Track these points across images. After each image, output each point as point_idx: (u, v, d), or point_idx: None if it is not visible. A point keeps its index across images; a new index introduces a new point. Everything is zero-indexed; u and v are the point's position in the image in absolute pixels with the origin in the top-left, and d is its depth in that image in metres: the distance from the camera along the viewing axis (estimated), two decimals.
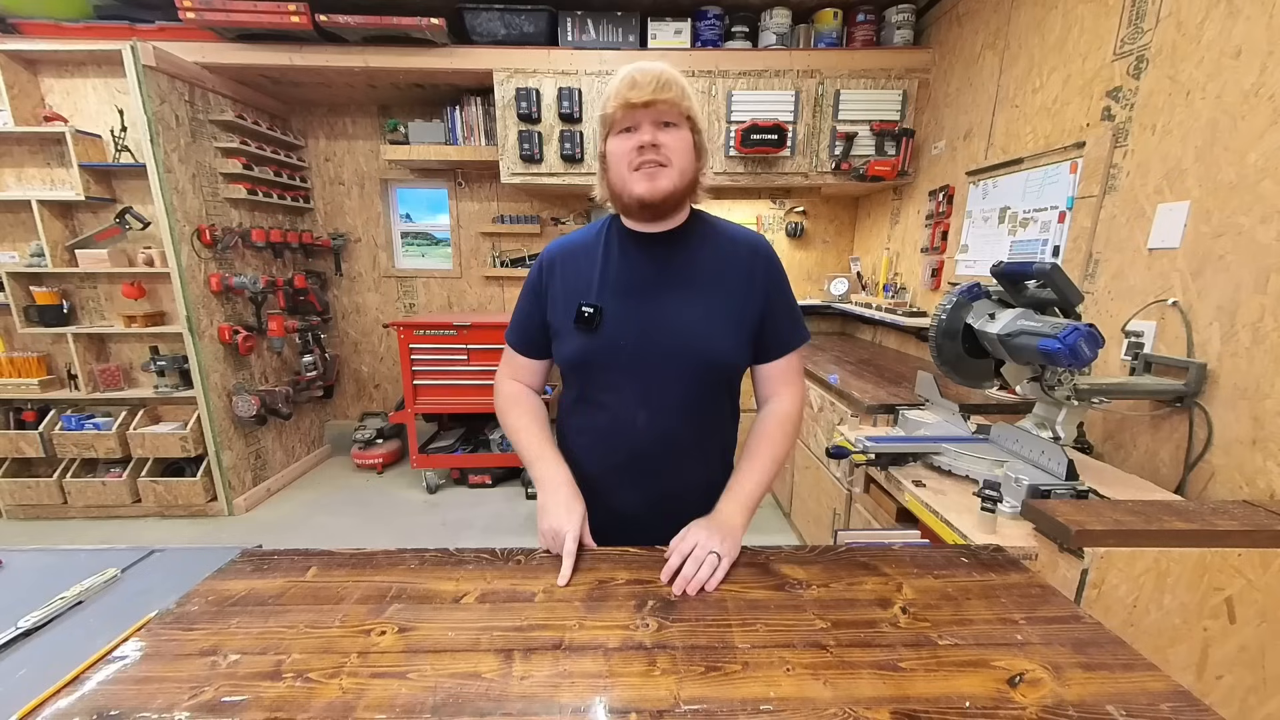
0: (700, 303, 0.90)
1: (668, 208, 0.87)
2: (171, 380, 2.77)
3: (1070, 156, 1.80)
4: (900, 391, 1.99)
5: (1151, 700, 0.55)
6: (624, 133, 0.83)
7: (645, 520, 0.94)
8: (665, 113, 0.81)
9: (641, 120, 0.81)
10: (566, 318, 0.91)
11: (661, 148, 0.82)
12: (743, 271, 0.92)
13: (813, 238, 3.60)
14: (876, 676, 0.59)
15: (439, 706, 0.55)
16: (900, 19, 2.73)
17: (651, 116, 0.81)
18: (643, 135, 0.81)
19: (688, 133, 0.84)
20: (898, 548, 0.86)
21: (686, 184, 0.86)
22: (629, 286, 0.90)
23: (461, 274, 3.65)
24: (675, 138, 0.83)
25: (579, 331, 0.90)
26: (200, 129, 2.71)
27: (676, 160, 0.83)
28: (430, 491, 3.21)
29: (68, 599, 0.75)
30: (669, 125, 0.82)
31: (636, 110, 0.81)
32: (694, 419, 0.93)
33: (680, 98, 0.82)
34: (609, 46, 2.79)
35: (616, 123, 0.83)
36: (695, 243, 0.92)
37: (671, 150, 0.82)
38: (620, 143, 0.84)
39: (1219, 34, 1.33)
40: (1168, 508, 1.02)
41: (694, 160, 0.86)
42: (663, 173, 0.83)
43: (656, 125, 0.82)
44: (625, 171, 0.84)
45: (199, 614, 0.69)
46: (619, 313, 0.89)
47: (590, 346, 0.90)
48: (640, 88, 0.79)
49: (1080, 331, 1.07)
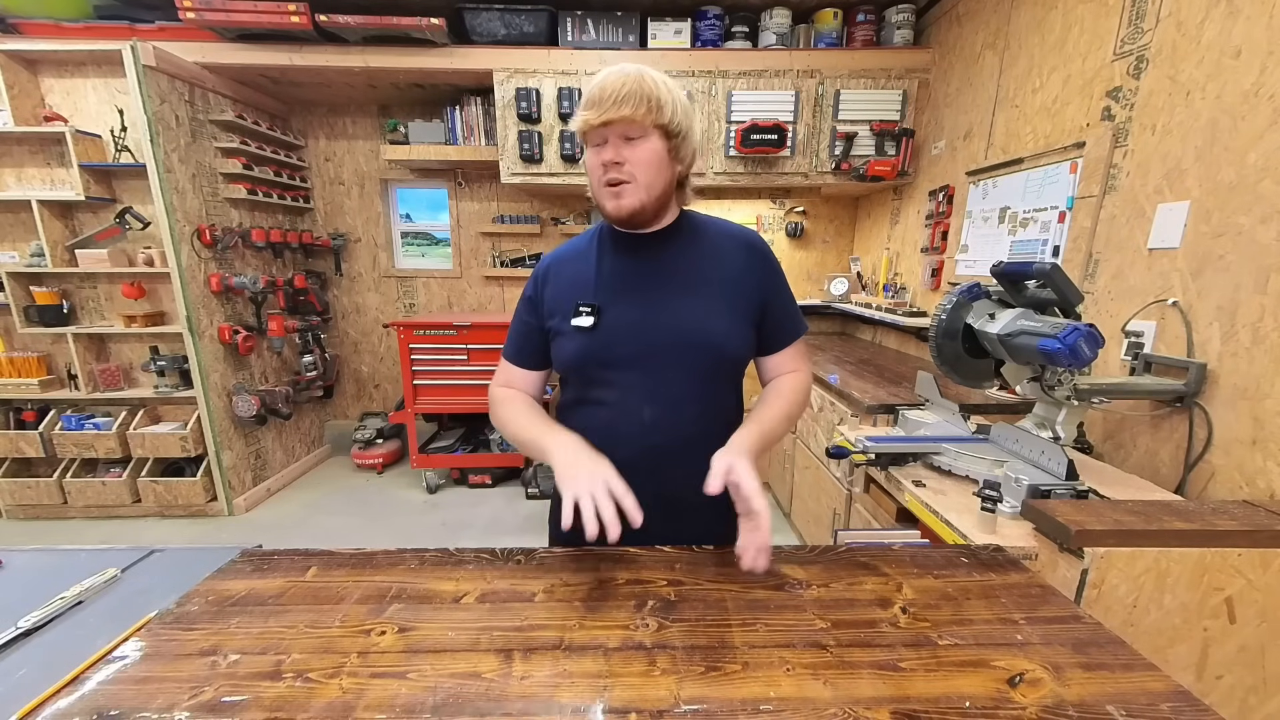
0: (698, 296, 0.90)
1: (639, 221, 0.88)
2: (171, 380, 2.77)
3: (1070, 156, 1.80)
4: (900, 391, 1.99)
5: (1151, 700, 0.55)
6: (595, 147, 0.83)
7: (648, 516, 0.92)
8: (627, 128, 0.80)
9: (606, 135, 0.81)
10: (564, 320, 0.91)
11: (625, 164, 0.81)
12: (739, 265, 0.92)
13: (813, 238, 3.60)
14: (876, 676, 0.59)
15: (439, 706, 0.55)
16: (900, 19, 2.73)
17: (617, 131, 0.80)
18: (606, 153, 0.81)
19: (658, 142, 0.82)
20: (898, 548, 0.86)
21: (656, 197, 0.85)
22: (625, 285, 0.91)
23: (461, 274, 3.65)
24: (641, 150, 0.81)
25: (578, 332, 0.89)
26: (200, 129, 2.71)
27: (641, 175, 0.82)
28: (430, 491, 3.21)
29: (68, 599, 0.75)
30: (634, 140, 0.81)
31: (597, 127, 0.80)
32: (700, 411, 0.93)
33: (642, 112, 0.78)
34: (609, 46, 2.79)
35: (587, 138, 0.83)
36: (686, 240, 0.93)
37: (636, 165, 0.81)
38: (592, 156, 0.84)
39: (1219, 34, 1.33)
40: (1168, 508, 1.02)
41: (666, 169, 0.85)
42: (627, 190, 0.82)
43: (620, 140, 0.81)
44: (598, 186, 0.85)
45: (199, 614, 0.69)
46: (617, 311, 0.89)
47: (590, 345, 0.89)
48: (598, 106, 0.78)
49: (1080, 331, 1.07)
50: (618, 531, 0.70)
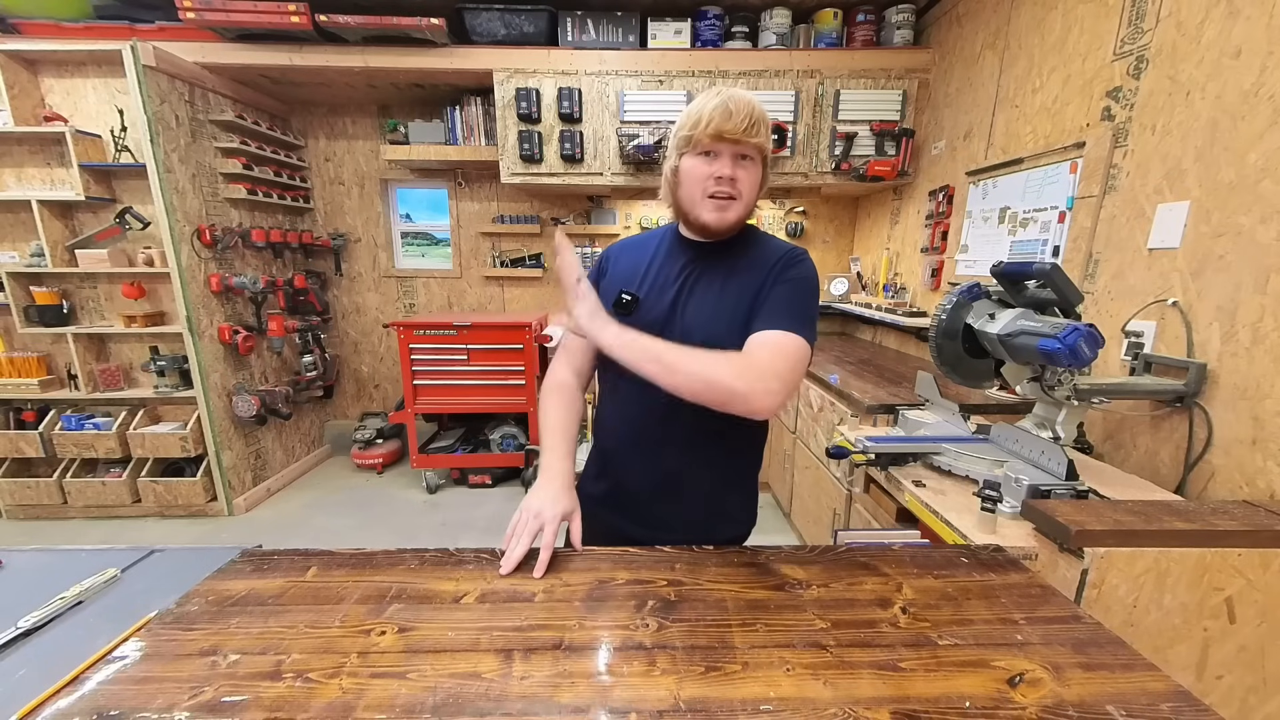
0: (722, 302, 0.93)
1: (725, 233, 0.93)
2: (171, 380, 2.77)
3: (1070, 156, 1.80)
4: (900, 391, 1.99)
5: (1151, 700, 0.55)
6: (703, 156, 0.87)
7: (646, 499, 1.00)
8: (748, 149, 0.86)
9: (724, 151, 0.85)
10: (608, 301, 0.96)
11: (737, 182, 0.87)
12: (764, 274, 0.94)
13: (813, 238, 3.60)
14: (876, 676, 0.59)
15: (439, 706, 0.55)
16: (900, 19, 2.73)
17: (735, 150, 0.85)
18: (723, 168, 0.85)
19: (760, 168, 0.89)
20: (898, 548, 0.86)
21: (748, 214, 0.92)
22: (668, 282, 0.96)
23: (461, 274, 3.65)
24: (750, 173, 0.88)
25: (616, 314, 0.94)
26: (200, 129, 2.71)
27: (747, 194, 0.88)
28: (430, 491, 3.21)
29: (68, 599, 0.75)
30: (747, 159, 0.87)
31: (724, 141, 0.84)
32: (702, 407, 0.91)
33: (765, 139, 0.86)
34: (609, 46, 2.79)
35: (700, 145, 0.86)
36: (737, 252, 0.97)
37: (744, 185, 0.87)
38: (697, 165, 0.87)
39: (1219, 34, 1.33)
40: (1168, 508, 1.02)
41: (758, 192, 0.91)
42: (732, 205, 0.88)
43: (735, 159, 0.86)
44: (698, 195, 0.88)
45: (199, 614, 0.69)
46: (652, 302, 0.95)
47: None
48: (735, 121, 0.82)
49: (1080, 331, 1.07)
50: (505, 570, 0.78)
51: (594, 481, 1.07)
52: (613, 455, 1.04)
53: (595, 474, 1.08)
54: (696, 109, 0.85)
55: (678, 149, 0.90)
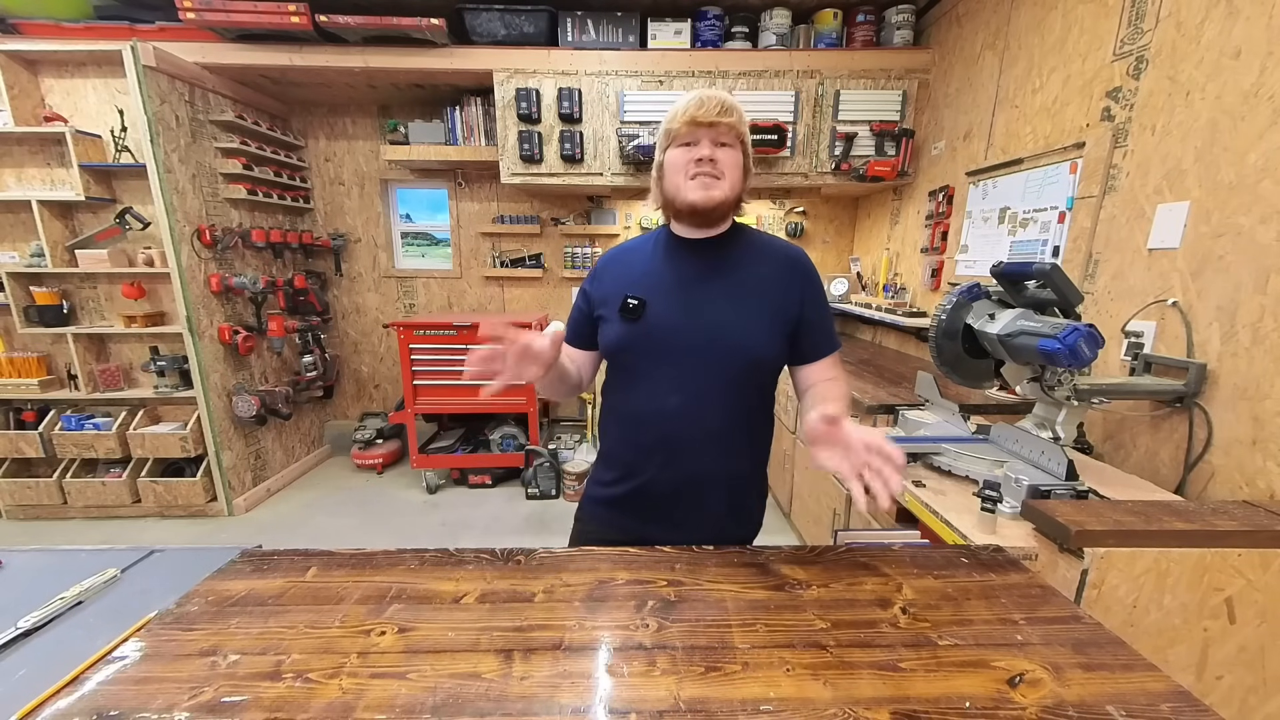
0: (737, 300, 0.96)
1: (716, 216, 0.96)
2: (171, 380, 2.77)
3: (1070, 157, 1.80)
4: (900, 391, 1.99)
5: (1151, 700, 0.55)
6: (684, 146, 0.92)
7: (668, 501, 1.00)
8: (724, 134, 0.91)
9: (702, 137, 0.91)
10: (613, 308, 0.99)
11: (718, 162, 0.91)
12: (781, 277, 0.99)
13: (813, 238, 3.60)
14: (876, 677, 0.59)
15: (439, 707, 0.55)
16: (900, 19, 2.73)
17: (712, 135, 0.91)
18: (702, 150, 0.91)
19: (740, 154, 0.94)
20: (898, 548, 0.86)
21: (735, 196, 0.95)
22: (673, 283, 0.98)
23: (461, 274, 3.65)
24: (730, 156, 0.92)
25: (623, 320, 0.97)
26: (200, 129, 2.71)
27: (729, 174, 0.92)
28: (430, 492, 3.21)
29: (68, 599, 0.75)
30: (725, 145, 0.92)
31: (700, 128, 0.90)
32: (724, 407, 0.97)
33: (738, 123, 0.92)
34: (609, 47, 2.79)
35: (679, 136, 0.92)
36: (736, 248, 1.00)
37: (725, 165, 0.92)
38: (679, 154, 0.93)
39: (1219, 34, 1.33)
40: (1168, 508, 1.02)
41: (742, 177, 0.95)
42: (717, 184, 0.92)
43: (715, 144, 0.91)
44: (681, 180, 0.93)
45: (199, 614, 0.69)
46: (661, 305, 0.96)
47: (632, 333, 0.97)
48: (706, 108, 0.89)
49: (1080, 332, 1.08)
50: (483, 332, 0.79)
51: (609, 486, 1.06)
52: (630, 458, 1.02)
53: (610, 479, 1.06)
54: (674, 107, 0.93)
55: (661, 147, 0.96)
